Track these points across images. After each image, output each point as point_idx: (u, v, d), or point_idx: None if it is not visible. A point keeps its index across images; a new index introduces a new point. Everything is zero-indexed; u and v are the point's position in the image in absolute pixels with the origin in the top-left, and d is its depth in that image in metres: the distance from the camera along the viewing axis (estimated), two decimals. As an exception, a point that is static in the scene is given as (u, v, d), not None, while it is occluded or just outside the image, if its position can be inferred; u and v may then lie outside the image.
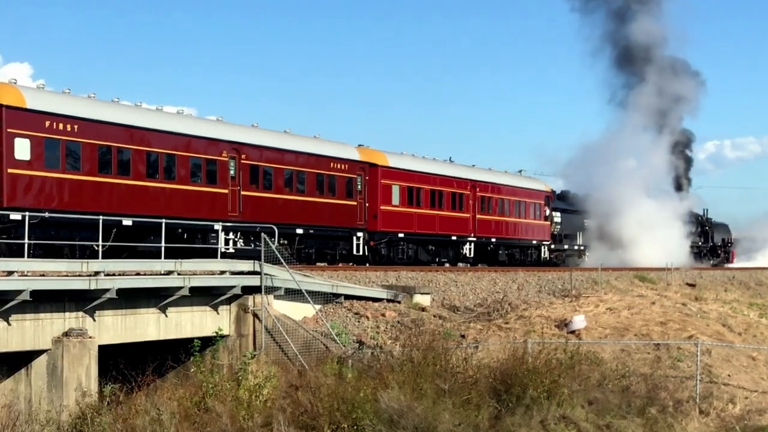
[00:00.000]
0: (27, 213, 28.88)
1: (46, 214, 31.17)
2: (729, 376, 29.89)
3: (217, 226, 36.91)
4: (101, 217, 29.90)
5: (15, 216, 30.09)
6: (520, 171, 65.64)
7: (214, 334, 28.57)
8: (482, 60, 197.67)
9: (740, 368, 30.70)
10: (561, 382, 25.32)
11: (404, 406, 22.76)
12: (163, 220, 31.04)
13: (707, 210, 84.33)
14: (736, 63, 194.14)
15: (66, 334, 24.45)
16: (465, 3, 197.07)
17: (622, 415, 25.41)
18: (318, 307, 30.74)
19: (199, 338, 27.78)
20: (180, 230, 35.43)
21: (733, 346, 32.38)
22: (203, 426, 22.09)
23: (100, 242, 29.38)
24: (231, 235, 37.94)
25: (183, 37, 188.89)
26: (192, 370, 26.24)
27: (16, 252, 29.56)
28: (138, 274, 27.09)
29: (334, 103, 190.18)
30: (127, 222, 33.27)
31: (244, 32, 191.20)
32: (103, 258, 28.67)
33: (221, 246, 35.94)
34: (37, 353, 24.29)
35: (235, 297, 29.41)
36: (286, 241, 39.68)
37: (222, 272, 29.39)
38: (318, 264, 41.63)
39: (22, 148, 31.04)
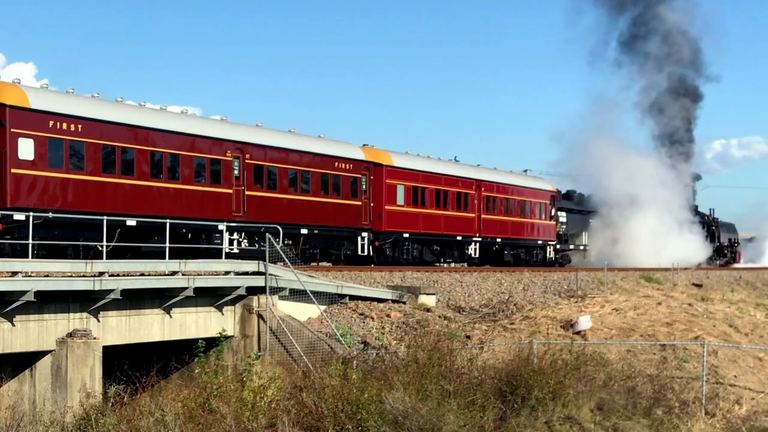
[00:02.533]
0: (31, 213, 28.85)
1: (50, 215, 31.12)
2: (735, 377, 29.84)
3: (222, 227, 36.86)
4: (105, 217, 29.89)
5: (18, 216, 30.07)
6: (526, 171, 65.57)
7: (218, 335, 28.52)
8: (488, 59, 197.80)
9: (747, 369, 30.64)
10: (566, 383, 25.29)
11: (409, 407, 22.72)
12: (168, 221, 30.98)
13: (713, 210, 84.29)
14: (743, 62, 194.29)
15: (70, 334, 24.39)
16: (471, 2, 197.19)
17: (628, 416, 25.37)
18: (323, 307, 30.67)
19: (203, 339, 27.71)
20: (184, 230, 35.36)
21: (739, 346, 32.31)
22: (208, 427, 22.02)
23: (104, 243, 29.34)
24: (235, 236, 37.87)
25: (188, 38, 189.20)
26: (196, 371, 26.18)
27: (19, 252, 29.52)
28: (142, 274, 27.03)
29: (339, 102, 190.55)
30: (131, 222, 33.23)
31: (248, 32, 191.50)
32: (107, 258, 28.62)
33: (226, 246, 35.89)
34: (41, 354, 24.23)
35: (240, 298, 29.35)
36: (290, 242, 39.64)
37: (226, 273, 29.32)
38: (323, 264, 41.56)
39: (26, 148, 30.98)
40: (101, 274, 25.11)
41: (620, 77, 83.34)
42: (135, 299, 26.21)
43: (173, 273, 27.46)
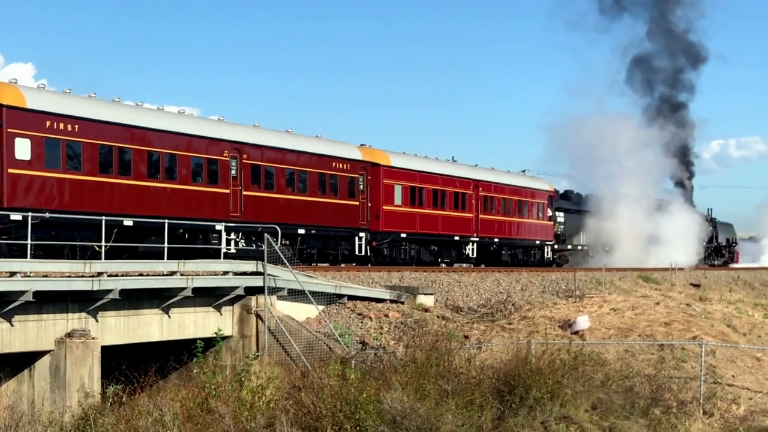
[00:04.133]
0: (30, 213, 28.82)
1: (47, 215, 31.04)
2: (733, 376, 29.80)
3: (219, 227, 36.80)
4: (104, 217, 29.86)
5: (15, 216, 30.01)
6: (524, 171, 65.49)
7: (215, 335, 28.50)
8: (486, 59, 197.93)
9: (744, 369, 30.60)
10: (564, 383, 25.24)
11: (407, 407, 22.69)
12: (166, 221, 30.98)
13: (711, 210, 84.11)
14: (741, 61, 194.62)
15: (69, 335, 24.39)
16: (468, 3, 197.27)
17: (626, 416, 25.33)
18: (321, 307, 30.64)
19: (201, 339, 27.71)
20: (181, 230, 35.31)
21: (737, 346, 32.27)
22: (206, 427, 22.00)
23: (103, 243, 29.31)
24: (232, 236, 37.80)
25: (185, 38, 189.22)
26: (195, 371, 26.16)
27: (16, 253, 29.48)
28: (141, 274, 27.02)
29: (337, 103, 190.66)
30: (127, 222, 33.16)
31: (246, 33, 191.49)
32: (104, 258, 28.59)
33: (224, 246, 35.85)
34: (40, 354, 24.24)
35: (238, 298, 29.33)
36: (287, 242, 39.58)
37: (225, 273, 29.30)
38: (320, 264, 41.53)
39: (23, 148, 30.93)
40: (100, 274, 25.11)
41: (602, 48, 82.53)
42: (133, 299, 26.19)
43: (172, 273, 27.43)
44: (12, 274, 23.44)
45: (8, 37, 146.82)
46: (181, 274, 27.40)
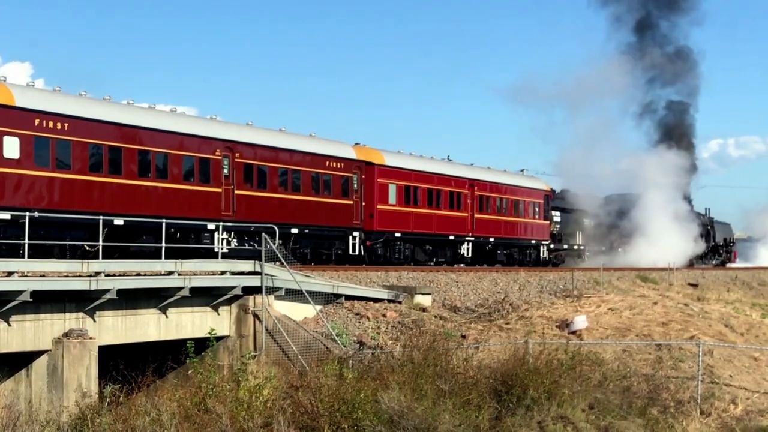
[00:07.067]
0: (27, 214, 28.69)
1: (36, 214, 30.79)
2: (731, 376, 29.77)
3: (211, 226, 36.63)
4: (100, 217, 29.77)
5: (4, 215, 29.81)
6: (522, 170, 65.38)
7: (208, 335, 28.36)
8: (483, 58, 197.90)
9: (742, 369, 30.57)
10: (562, 383, 25.21)
11: (404, 406, 22.63)
12: (164, 220, 30.88)
13: (709, 209, 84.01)
14: (740, 61, 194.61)
15: (66, 334, 24.30)
16: (462, 2, 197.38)
17: (623, 416, 25.29)
18: (319, 307, 30.59)
19: (199, 339, 27.59)
20: (173, 230, 35.10)
21: (735, 346, 32.24)
22: (203, 427, 21.90)
23: (101, 242, 29.21)
24: (225, 235, 37.62)
25: (179, 38, 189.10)
26: (190, 371, 26.06)
27: (4, 252, 29.31)
28: (138, 274, 26.93)
29: (331, 101, 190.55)
30: (118, 222, 32.97)
31: (239, 32, 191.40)
32: (94, 258, 28.47)
33: (217, 246, 35.72)
34: (37, 354, 24.15)
35: (236, 297, 29.23)
36: (281, 241, 39.46)
37: (222, 273, 29.21)
38: (313, 264, 41.44)
39: (11, 147, 30.70)
40: (97, 274, 25.02)
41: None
42: (131, 299, 26.10)
43: (169, 273, 27.35)
44: (9, 273, 23.36)
45: (6, 36, 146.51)
46: (179, 274, 27.31)
